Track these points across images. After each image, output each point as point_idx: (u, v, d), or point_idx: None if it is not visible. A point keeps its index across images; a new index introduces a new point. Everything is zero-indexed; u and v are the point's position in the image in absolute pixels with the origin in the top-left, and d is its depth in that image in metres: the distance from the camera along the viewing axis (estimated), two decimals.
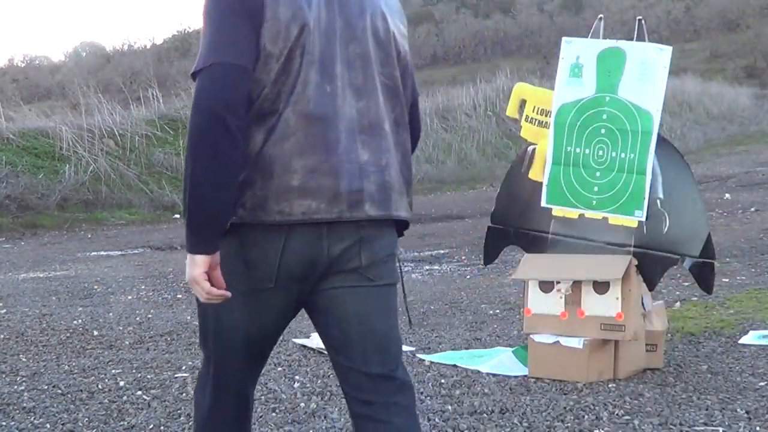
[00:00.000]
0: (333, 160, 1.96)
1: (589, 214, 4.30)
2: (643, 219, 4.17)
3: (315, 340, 5.00)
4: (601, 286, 4.07)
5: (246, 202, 1.94)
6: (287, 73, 1.93)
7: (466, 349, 4.79)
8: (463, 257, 8.66)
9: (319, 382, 4.21)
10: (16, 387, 4.27)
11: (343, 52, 2.00)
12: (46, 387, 4.24)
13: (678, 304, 5.72)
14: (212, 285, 1.94)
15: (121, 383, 4.26)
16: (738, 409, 3.55)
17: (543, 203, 4.40)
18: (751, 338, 4.71)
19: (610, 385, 3.97)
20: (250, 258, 1.98)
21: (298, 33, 1.93)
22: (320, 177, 1.95)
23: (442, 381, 4.14)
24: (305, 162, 1.94)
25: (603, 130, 4.27)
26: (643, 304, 4.22)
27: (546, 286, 4.20)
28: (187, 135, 1.91)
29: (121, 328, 5.63)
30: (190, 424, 3.63)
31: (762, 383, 3.92)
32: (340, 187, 1.97)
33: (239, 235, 1.97)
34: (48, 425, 3.67)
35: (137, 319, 5.91)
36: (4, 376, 4.50)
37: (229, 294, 1.96)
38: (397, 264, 2.15)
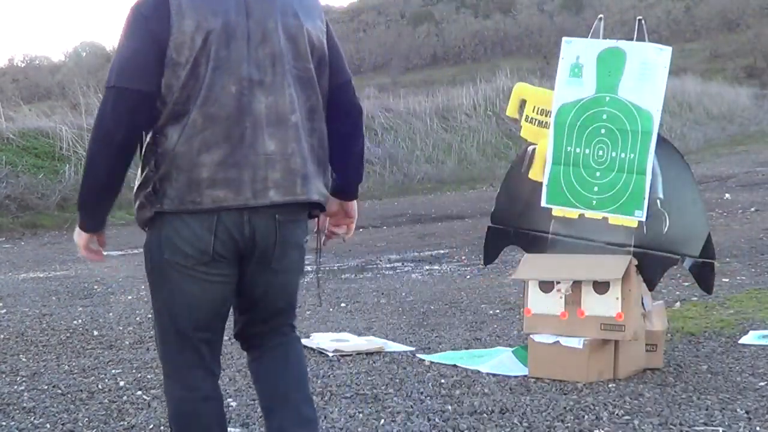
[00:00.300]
0: (237, 154, 2.22)
1: (589, 214, 4.30)
2: (643, 219, 4.17)
3: (315, 340, 5.00)
4: (601, 286, 4.07)
5: (169, 194, 2.24)
6: (195, 78, 2.19)
7: (466, 349, 4.79)
8: (463, 257, 8.66)
9: (319, 382, 4.21)
10: (16, 387, 4.27)
11: (252, 54, 2.23)
12: (46, 387, 4.24)
13: (678, 304, 5.72)
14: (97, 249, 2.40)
15: (121, 383, 4.26)
16: (738, 409, 3.55)
17: (543, 203, 4.40)
18: (751, 338, 4.71)
19: (610, 385, 3.97)
20: (186, 239, 2.26)
21: (202, 42, 2.18)
22: (226, 169, 2.22)
23: (442, 381, 4.14)
24: (213, 157, 2.21)
25: (603, 130, 4.27)
26: (643, 304, 4.22)
27: (546, 286, 4.20)
28: (88, 142, 2.28)
29: (121, 328, 5.63)
30: None
31: (762, 383, 3.92)
32: (244, 178, 2.23)
33: (172, 222, 2.27)
34: (48, 425, 3.67)
35: (137, 319, 5.91)
36: (4, 376, 4.50)
37: (103, 258, 2.46)
38: (305, 247, 2.50)
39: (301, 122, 2.31)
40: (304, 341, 4.99)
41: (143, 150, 2.31)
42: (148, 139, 2.28)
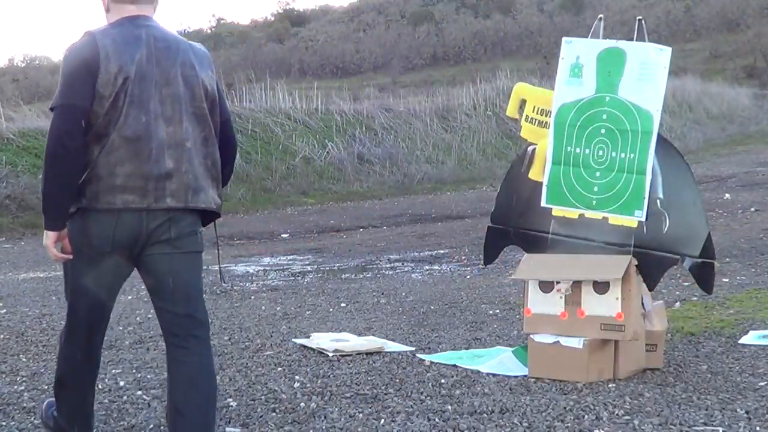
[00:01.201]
0: (144, 168, 2.87)
1: (589, 214, 4.30)
2: (643, 219, 4.17)
3: (315, 340, 5.00)
4: (601, 286, 4.07)
5: (87, 195, 2.86)
6: (115, 108, 2.83)
7: (466, 349, 4.79)
8: (463, 257, 8.66)
9: (319, 382, 4.21)
10: (16, 387, 4.27)
11: (158, 94, 2.89)
12: (46, 387, 4.23)
13: (678, 304, 5.72)
14: (62, 250, 2.94)
15: (121, 383, 4.26)
16: (738, 409, 3.55)
17: (543, 203, 4.40)
18: (751, 338, 4.71)
19: (610, 385, 3.97)
20: (93, 232, 2.90)
21: (122, 82, 2.83)
22: (135, 180, 2.87)
23: (442, 381, 4.14)
24: (125, 169, 2.86)
25: (603, 130, 4.27)
26: (643, 304, 4.22)
27: (546, 286, 4.20)
28: (44, 151, 2.86)
29: (121, 328, 5.63)
30: None
31: (762, 383, 3.92)
32: (148, 187, 2.88)
33: (83, 217, 2.90)
34: None
35: (137, 319, 5.91)
36: (4, 376, 4.50)
37: (71, 257, 2.94)
38: (198, 236, 3.04)
39: (194, 148, 2.96)
40: (304, 341, 5.01)
41: None
42: None
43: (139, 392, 4.12)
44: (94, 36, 2.87)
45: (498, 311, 5.84)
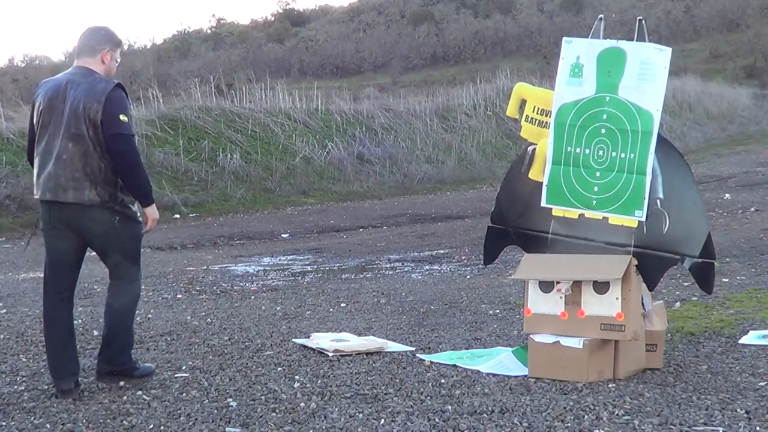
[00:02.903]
0: (44, 172, 4.09)
1: (589, 214, 4.30)
2: (643, 219, 4.17)
3: (315, 340, 5.00)
4: (601, 286, 4.07)
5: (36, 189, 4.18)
6: (39, 130, 4.16)
7: (466, 349, 4.79)
8: (463, 257, 8.66)
9: (319, 382, 4.21)
10: (16, 387, 4.27)
11: (56, 120, 4.08)
12: (46, 387, 4.24)
13: (678, 304, 5.72)
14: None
15: (121, 383, 4.26)
16: (738, 409, 3.55)
17: (543, 203, 4.40)
18: (751, 338, 4.71)
19: (610, 385, 3.97)
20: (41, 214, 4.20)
21: (38, 113, 4.14)
22: (42, 180, 4.10)
23: (442, 381, 4.14)
24: (39, 172, 4.12)
25: (603, 130, 4.27)
26: (643, 304, 4.22)
27: (546, 286, 4.20)
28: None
29: None
30: (190, 423, 3.64)
31: (762, 383, 3.92)
32: (46, 185, 4.07)
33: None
34: (48, 425, 3.67)
35: (137, 319, 5.88)
36: (4, 376, 4.50)
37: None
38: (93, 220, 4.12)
39: (71, 159, 4.03)
40: (304, 341, 5.01)
41: None
42: None
43: (139, 392, 4.12)
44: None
45: (498, 311, 5.84)
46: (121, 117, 4.04)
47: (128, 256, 4.25)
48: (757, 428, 3.33)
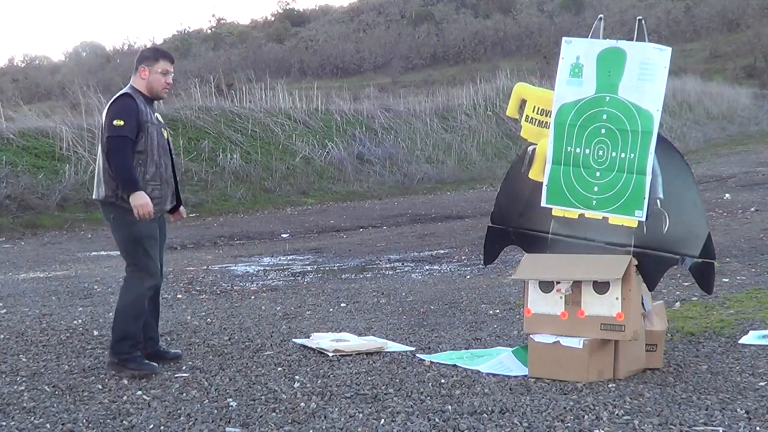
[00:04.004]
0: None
1: (589, 214, 4.30)
2: (643, 219, 4.17)
3: (315, 341, 5.00)
4: (601, 286, 4.07)
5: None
6: None
7: (466, 349, 4.79)
8: (463, 257, 8.66)
9: (319, 382, 4.21)
10: (16, 387, 4.27)
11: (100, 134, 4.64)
12: (46, 387, 4.24)
13: (678, 304, 5.72)
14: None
15: (121, 383, 4.26)
16: (738, 409, 3.55)
17: (543, 203, 4.40)
18: (751, 338, 4.71)
19: (610, 385, 3.97)
20: None
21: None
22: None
23: (442, 381, 4.14)
24: None
25: (603, 130, 4.27)
26: (643, 304, 4.22)
27: (546, 286, 4.20)
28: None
29: None
30: (190, 423, 3.64)
31: (762, 383, 3.92)
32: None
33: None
34: (48, 425, 3.67)
35: None
36: (4, 376, 4.50)
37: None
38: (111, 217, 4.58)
39: (102, 162, 4.50)
40: (304, 341, 5.01)
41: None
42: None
43: (139, 392, 4.12)
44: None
45: (498, 311, 5.84)
46: (115, 122, 4.43)
47: (126, 255, 4.57)
48: (757, 428, 3.33)
